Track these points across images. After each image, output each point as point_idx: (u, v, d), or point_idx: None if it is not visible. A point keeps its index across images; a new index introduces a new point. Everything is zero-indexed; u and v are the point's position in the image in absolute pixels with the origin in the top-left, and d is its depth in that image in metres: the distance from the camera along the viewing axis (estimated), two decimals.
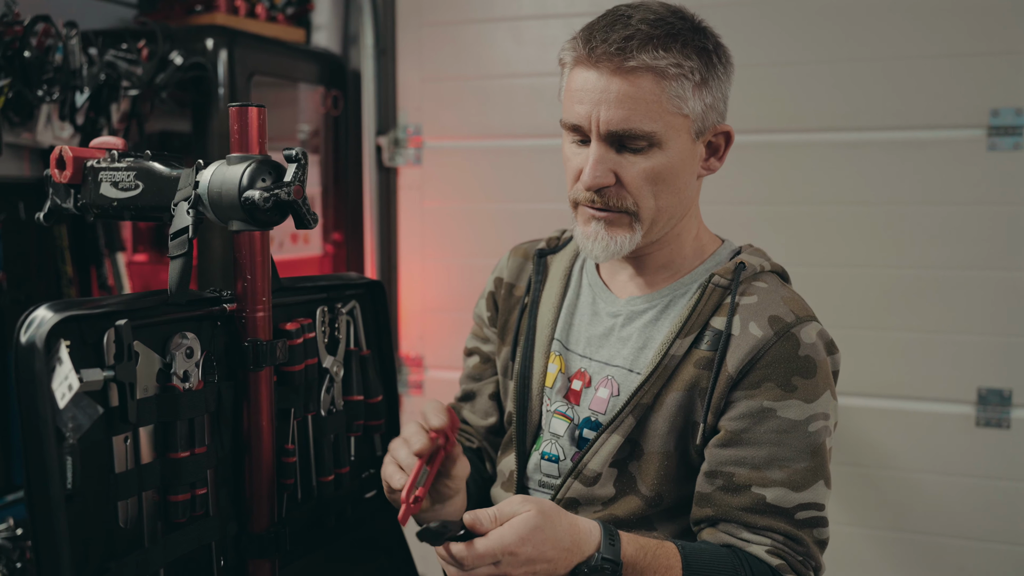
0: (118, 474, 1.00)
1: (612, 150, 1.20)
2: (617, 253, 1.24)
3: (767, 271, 1.29)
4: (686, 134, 1.21)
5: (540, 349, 1.36)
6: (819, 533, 1.21)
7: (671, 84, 1.17)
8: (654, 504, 1.24)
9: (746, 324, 1.21)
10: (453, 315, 2.81)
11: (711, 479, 1.20)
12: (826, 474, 1.21)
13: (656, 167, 1.20)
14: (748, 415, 1.19)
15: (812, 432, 1.19)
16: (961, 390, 2.39)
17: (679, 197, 1.24)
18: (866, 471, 2.48)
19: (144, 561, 1.02)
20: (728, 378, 1.20)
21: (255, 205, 1.04)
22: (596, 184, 1.20)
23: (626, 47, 1.16)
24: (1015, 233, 2.32)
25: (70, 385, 0.89)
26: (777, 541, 1.17)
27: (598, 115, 1.18)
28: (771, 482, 1.18)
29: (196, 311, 1.11)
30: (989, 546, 2.39)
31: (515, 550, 1.02)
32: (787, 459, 1.18)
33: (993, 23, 2.29)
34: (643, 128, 1.17)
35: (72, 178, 1.20)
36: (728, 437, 1.19)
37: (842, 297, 2.45)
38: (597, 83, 1.18)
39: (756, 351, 1.19)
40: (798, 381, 1.18)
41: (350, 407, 1.35)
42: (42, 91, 1.87)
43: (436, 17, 2.77)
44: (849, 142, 2.43)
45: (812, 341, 1.21)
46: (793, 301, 1.24)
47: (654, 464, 1.23)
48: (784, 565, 1.17)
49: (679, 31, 1.19)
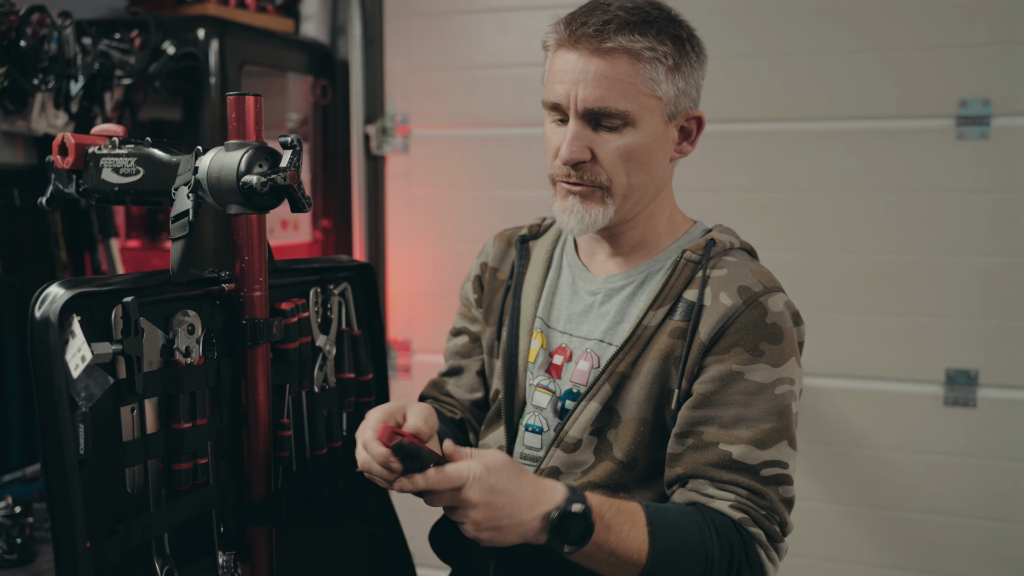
0: (125, 443, 1.05)
1: (589, 128, 1.27)
2: (591, 226, 1.30)
3: (736, 247, 1.35)
4: (659, 116, 1.27)
5: (524, 327, 1.42)
6: (784, 491, 1.25)
7: (645, 67, 1.24)
8: (628, 468, 1.29)
9: (717, 294, 1.27)
10: (440, 300, 2.86)
11: (682, 439, 1.26)
12: (791, 435, 1.26)
13: (629, 145, 1.26)
14: (718, 378, 1.24)
15: (778, 395, 1.24)
16: (930, 371, 2.45)
17: (651, 176, 1.30)
18: (839, 449, 2.54)
19: (150, 525, 1.08)
20: (701, 345, 1.25)
21: (253, 189, 1.08)
22: (572, 159, 1.27)
23: (604, 30, 1.22)
24: (983, 219, 2.38)
25: (83, 357, 0.94)
26: (741, 496, 1.22)
27: (576, 93, 1.25)
28: (737, 440, 1.23)
29: (197, 290, 1.16)
30: (957, 520, 2.46)
31: (481, 475, 1.06)
32: (754, 419, 1.23)
33: (962, 17, 2.35)
34: (618, 107, 1.24)
35: (74, 164, 1.24)
36: (699, 399, 1.25)
37: (817, 281, 2.51)
38: (576, 63, 1.25)
39: (726, 318, 1.25)
40: (765, 346, 1.24)
41: (342, 384, 1.40)
42: (38, 80, 1.91)
43: (423, 8, 2.81)
44: (824, 131, 2.48)
45: (779, 310, 1.26)
46: (761, 273, 1.30)
47: (630, 430, 1.29)
48: (747, 519, 1.21)
49: (655, 19, 1.26)
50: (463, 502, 1.07)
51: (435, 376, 1.60)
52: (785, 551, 1.26)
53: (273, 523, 1.23)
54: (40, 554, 1.81)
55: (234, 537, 1.22)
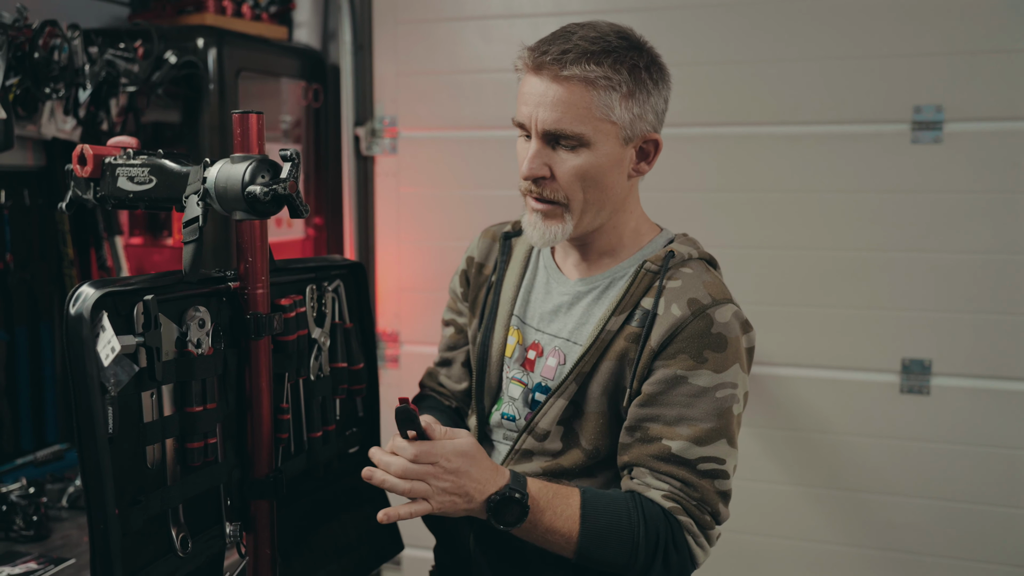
0: (146, 423, 1.17)
1: (548, 147, 1.35)
2: (552, 241, 1.40)
3: (694, 259, 1.42)
4: (614, 139, 1.35)
5: (501, 323, 1.52)
6: (720, 484, 1.34)
7: (600, 94, 1.31)
8: (593, 456, 1.41)
9: (669, 305, 1.35)
10: (427, 294, 2.94)
11: (631, 432, 1.37)
12: (730, 435, 1.34)
13: (584, 165, 1.34)
14: (664, 381, 1.34)
15: (719, 398, 1.33)
16: (886, 360, 2.54)
17: (606, 193, 1.38)
18: (801, 435, 2.63)
19: (167, 497, 1.20)
20: (651, 350, 1.34)
21: (256, 198, 1.17)
22: (532, 175, 1.36)
23: (562, 59, 1.31)
24: (936, 218, 2.47)
25: (113, 348, 1.07)
26: (675, 487, 1.32)
27: (537, 115, 1.34)
28: (678, 436, 1.32)
29: (206, 288, 1.27)
30: (913, 501, 2.56)
31: (450, 458, 1.24)
32: (694, 419, 1.32)
33: (917, 28, 2.43)
34: (573, 129, 1.32)
35: (92, 173, 1.33)
36: (646, 398, 1.35)
37: (782, 276, 2.58)
38: (538, 87, 1.34)
39: (674, 328, 1.33)
40: (709, 354, 1.32)
41: (335, 373, 1.49)
42: (49, 88, 2.00)
43: (410, 15, 2.88)
44: (787, 135, 2.56)
45: (726, 320, 1.34)
46: (713, 286, 1.37)
47: (592, 422, 1.40)
48: (677, 508, 1.31)
49: (614, 48, 1.33)
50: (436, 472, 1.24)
51: (431, 365, 1.70)
52: (716, 537, 1.36)
53: (274, 497, 1.33)
54: (54, 531, 1.93)
55: (239, 510, 1.33)
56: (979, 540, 2.53)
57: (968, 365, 2.50)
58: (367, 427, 1.59)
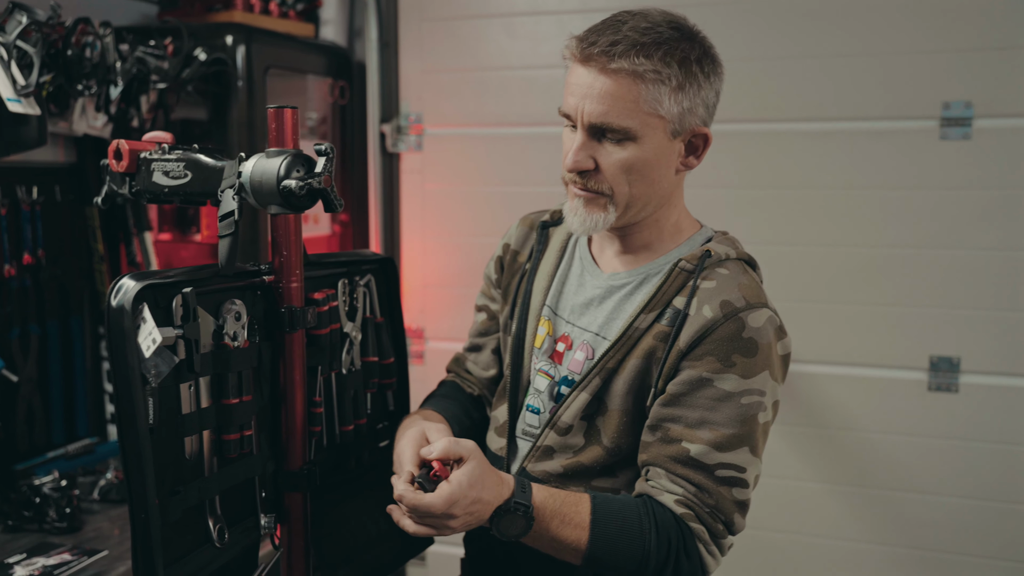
0: (184, 415, 1.18)
1: (594, 139, 1.32)
2: (593, 229, 1.37)
3: (732, 259, 1.38)
4: (662, 133, 1.31)
5: (533, 313, 1.51)
6: (738, 493, 1.30)
7: (648, 87, 1.27)
8: (614, 454, 1.38)
9: (701, 306, 1.31)
10: (451, 290, 2.95)
11: (652, 431, 1.34)
12: (753, 443, 1.30)
13: (630, 158, 1.31)
14: (688, 382, 1.30)
15: (744, 404, 1.29)
16: (914, 358, 2.53)
17: (653, 187, 1.35)
18: (829, 432, 2.62)
19: (205, 488, 1.22)
20: (679, 351, 1.31)
21: (292, 192, 1.18)
22: (576, 167, 1.33)
23: (611, 51, 1.27)
24: (965, 215, 2.46)
25: (154, 339, 1.08)
26: (689, 492, 1.29)
27: (583, 107, 1.30)
28: (698, 439, 1.29)
29: (242, 281, 1.28)
30: (941, 499, 2.54)
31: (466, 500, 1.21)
32: (717, 423, 1.29)
33: (946, 23, 2.42)
34: (620, 123, 1.29)
35: (128, 167, 1.34)
36: (668, 398, 1.32)
37: (807, 274, 2.57)
38: (585, 79, 1.30)
39: (704, 330, 1.30)
40: (737, 359, 1.29)
41: (367, 367, 1.50)
42: (82, 85, 2.03)
43: (435, 13, 2.89)
44: (814, 131, 2.55)
45: (759, 325, 1.30)
46: (748, 288, 1.33)
47: (615, 420, 1.37)
48: (689, 514, 1.28)
49: (665, 40, 1.28)
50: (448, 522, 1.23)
51: (459, 350, 1.70)
52: (728, 547, 1.33)
53: (307, 489, 1.34)
54: (86, 523, 1.95)
55: (273, 502, 1.34)
56: (1008, 539, 2.51)
57: (997, 362, 2.48)
58: (397, 421, 1.58)
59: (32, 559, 1.76)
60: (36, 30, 1.83)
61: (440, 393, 1.64)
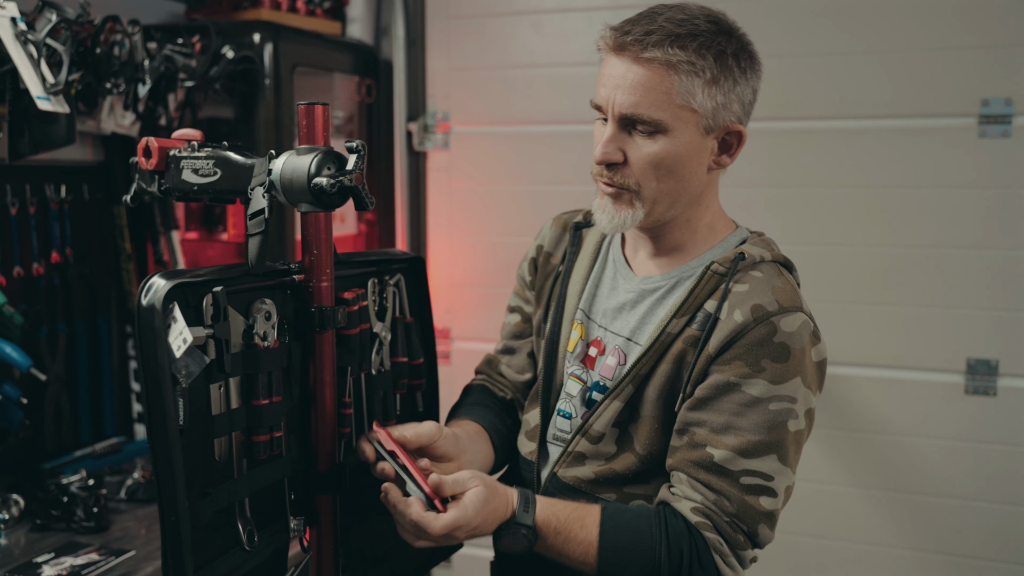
0: (214, 416, 1.17)
1: (624, 132, 1.30)
2: (621, 227, 1.35)
3: (767, 261, 1.35)
4: (694, 127, 1.29)
5: (567, 316, 1.49)
6: (765, 502, 1.26)
7: (681, 78, 1.25)
8: (646, 461, 1.35)
9: (732, 310, 1.28)
10: (478, 290, 2.94)
11: (680, 435, 1.31)
12: (783, 451, 1.26)
13: (660, 152, 1.29)
14: (715, 386, 1.28)
15: (773, 410, 1.25)
16: (951, 360, 2.49)
17: (683, 184, 1.32)
18: (863, 435, 2.59)
19: (234, 490, 1.20)
20: (708, 355, 1.29)
21: (322, 190, 1.16)
22: (604, 159, 1.31)
23: (645, 40, 1.25)
24: (1003, 214, 2.42)
25: (184, 339, 1.06)
26: (708, 499, 1.26)
27: (614, 98, 1.29)
28: (723, 445, 1.26)
29: (272, 281, 1.26)
30: (976, 504, 2.50)
31: (471, 519, 1.23)
32: (743, 429, 1.26)
33: (985, 18, 2.37)
34: (650, 115, 1.27)
35: (157, 165, 1.33)
36: (695, 402, 1.29)
37: (840, 274, 2.54)
38: (618, 69, 1.29)
39: (734, 334, 1.27)
40: (767, 364, 1.25)
41: (396, 367, 1.48)
42: (110, 84, 2.03)
43: (462, 10, 2.88)
44: (847, 129, 2.52)
45: (792, 330, 1.26)
46: (782, 292, 1.30)
47: (647, 427, 1.35)
48: (705, 523, 1.25)
49: (701, 32, 1.26)
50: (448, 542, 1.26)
51: (491, 352, 1.67)
52: (751, 559, 1.29)
53: (337, 492, 1.32)
54: (113, 523, 1.94)
55: (303, 504, 1.32)
56: None
57: None
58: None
59: (60, 558, 1.76)
60: (65, 28, 1.82)
61: (472, 401, 1.62)
